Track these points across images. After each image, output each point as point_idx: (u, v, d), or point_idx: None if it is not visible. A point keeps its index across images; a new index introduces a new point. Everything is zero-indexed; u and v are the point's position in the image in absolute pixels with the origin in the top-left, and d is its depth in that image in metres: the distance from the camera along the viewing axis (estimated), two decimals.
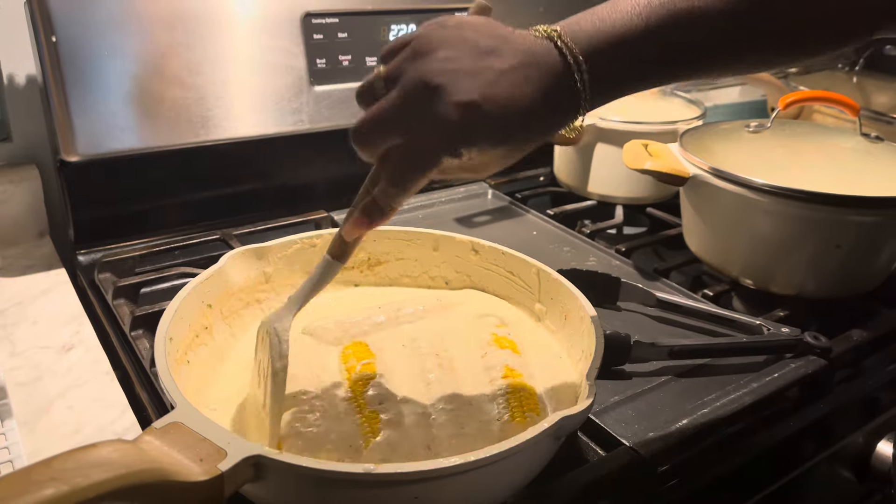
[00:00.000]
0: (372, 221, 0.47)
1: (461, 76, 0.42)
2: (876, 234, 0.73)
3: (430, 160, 0.43)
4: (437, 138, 0.42)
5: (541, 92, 0.43)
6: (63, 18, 0.73)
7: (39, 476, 0.33)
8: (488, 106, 0.42)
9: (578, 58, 0.43)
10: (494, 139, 0.43)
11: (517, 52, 0.43)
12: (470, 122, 0.42)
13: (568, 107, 0.44)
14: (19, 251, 0.85)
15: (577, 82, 0.43)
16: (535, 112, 0.43)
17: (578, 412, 0.44)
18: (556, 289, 0.61)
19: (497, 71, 0.42)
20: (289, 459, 0.40)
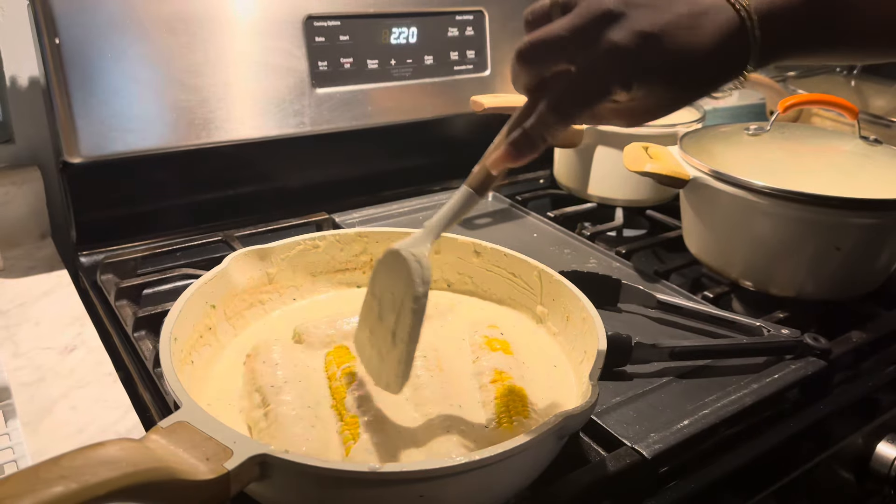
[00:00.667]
0: (520, 154, 0.46)
1: (643, 9, 0.43)
2: (875, 236, 0.73)
3: (600, 90, 0.43)
4: (612, 67, 0.42)
5: (716, 41, 0.43)
6: (66, 20, 0.74)
7: (48, 474, 0.34)
8: (667, 41, 0.42)
9: (753, 16, 0.44)
10: (665, 77, 0.43)
11: (693, 2, 0.44)
12: (646, 55, 0.42)
13: (737, 60, 0.45)
14: (22, 252, 0.85)
15: (749, 38, 0.44)
16: (707, 57, 0.44)
17: (582, 411, 0.45)
18: (558, 290, 0.62)
19: (675, 12, 0.43)
20: (295, 458, 0.40)
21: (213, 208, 0.90)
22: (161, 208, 0.88)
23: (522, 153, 0.46)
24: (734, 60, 0.45)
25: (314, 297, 0.67)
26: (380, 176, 1.02)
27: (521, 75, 0.45)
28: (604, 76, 0.43)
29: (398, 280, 0.49)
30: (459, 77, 0.99)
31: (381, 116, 0.94)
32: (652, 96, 0.45)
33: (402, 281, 0.48)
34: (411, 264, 0.48)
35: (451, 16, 0.97)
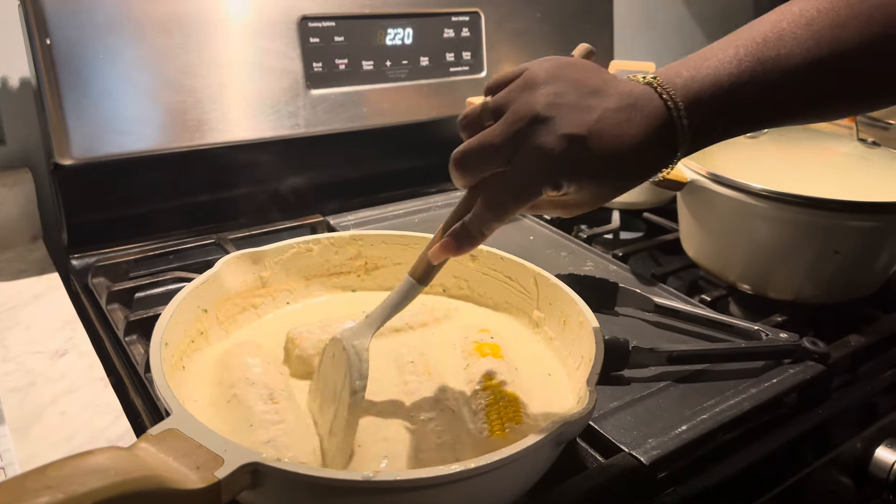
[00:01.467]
0: (460, 247, 0.48)
1: (569, 110, 0.44)
2: (873, 238, 0.73)
3: (532, 190, 0.45)
4: (541, 169, 0.44)
5: (643, 134, 0.44)
6: (57, 21, 0.73)
7: (34, 484, 0.33)
8: (594, 141, 0.43)
9: (678, 103, 0.45)
10: (596, 175, 0.45)
11: (621, 94, 0.45)
12: (575, 156, 0.44)
13: (667, 150, 0.46)
14: (12, 255, 0.84)
15: (678, 126, 0.45)
16: (636, 152, 0.45)
17: (579, 418, 0.44)
18: (555, 294, 0.61)
19: (603, 109, 0.44)
20: (286, 467, 0.40)
21: (207, 211, 0.90)
22: (154, 210, 0.87)
23: (461, 246, 0.48)
24: (663, 150, 0.46)
25: (308, 301, 0.67)
26: (375, 178, 1.01)
27: (458, 179, 0.48)
28: (534, 178, 0.44)
29: (339, 371, 0.50)
30: (455, 78, 0.98)
31: (376, 118, 0.94)
32: (583, 191, 0.46)
33: (342, 373, 0.49)
34: (350, 357, 0.49)
35: (446, 17, 0.96)
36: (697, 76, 0.46)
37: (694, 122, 0.45)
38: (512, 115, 0.45)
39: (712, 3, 1.52)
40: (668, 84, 0.45)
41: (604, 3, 1.13)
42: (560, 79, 0.45)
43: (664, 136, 0.45)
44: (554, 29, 1.07)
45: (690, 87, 0.45)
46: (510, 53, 1.03)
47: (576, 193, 0.46)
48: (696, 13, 1.51)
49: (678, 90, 0.45)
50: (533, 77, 0.46)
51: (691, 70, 0.46)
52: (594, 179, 0.45)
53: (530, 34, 1.04)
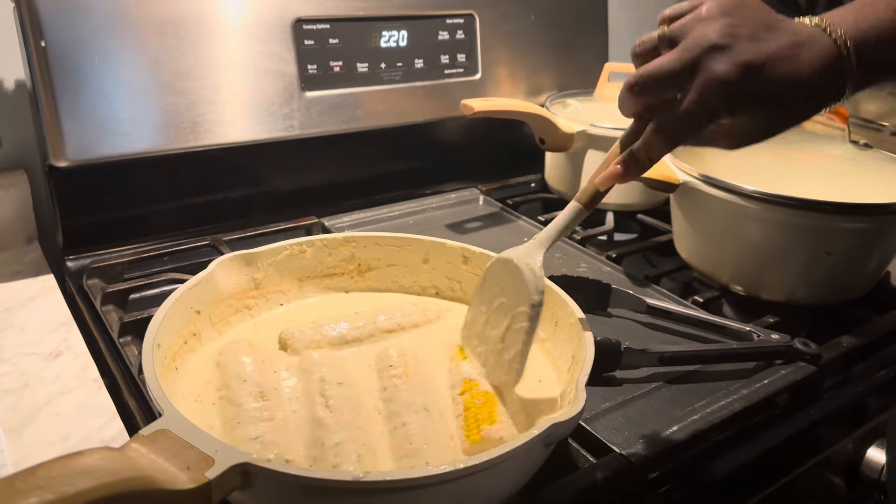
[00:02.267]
0: (627, 174, 0.51)
1: (746, 41, 0.46)
2: (865, 240, 0.73)
3: (707, 116, 0.47)
4: (717, 95, 0.46)
5: (815, 68, 0.47)
6: (52, 23, 0.73)
7: (24, 484, 0.33)
8: (768, 70, 0.46)
9: (847, 42, 0.47)
10: (767, 104, 0.47)
11: (794, 31, 0.48)
12: (752, 83, 0.46)
13: (836, 86, 0.48)
14: (7, 257, 0.84)
15: (847, 63, 0.48)
16: (809, 84, 0.47)
17: (569, 418, 0.44)
18: (546, 295, 0.61)
19: (777, 43, 0.47)
20: (277, 467, 0.40)
21: (202, 212, 0.90)
22: (149, 212, 0.87)
23: (630, 173, 0.51)
24: (832, 87, 0.48)
25: (301, 303, 0.67)
26: (370, 180, 1.01)
27: (629, 104, 0.50)
28: (710, 104, 0.46)
29: (511, 288, 0.54)
30: (450, 81, 0.99)
31: (370, 120, 0.94)
32: (755, 121, 0.49)
33: (516, 289, 0.53)
34: (526, 275, 0.53)
35: (441, 19, 0.96)
36: (860, 19, 0.48)
37: (861, 59, 0.48)
38: (690, 43, 0.47)
39: None
40: (836, 26, 0.48)
41: (598, 5, 1.14)
42: (735, 14, 0.47)
43: (834, 71, 0.48)
44: (548, 31, 1.07)
45: (857, 28, 0.48)
46: (505, 55, 1.03)
47: (747, 123, 0.49)
48: None
49: (847, 31, 0.48)
50: (709, 9, 0.48)
51: (854, 14, 0.49)
52: (767, 108, 0.47)
53: (525, 36, 1.05)
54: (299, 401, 0.53)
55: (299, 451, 0.48)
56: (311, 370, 0.55)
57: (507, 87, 1.05)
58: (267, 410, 0.50)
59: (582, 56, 1.12)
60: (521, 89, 1.06)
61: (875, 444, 0.70)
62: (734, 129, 0.50)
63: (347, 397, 0.52)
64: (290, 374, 0.56)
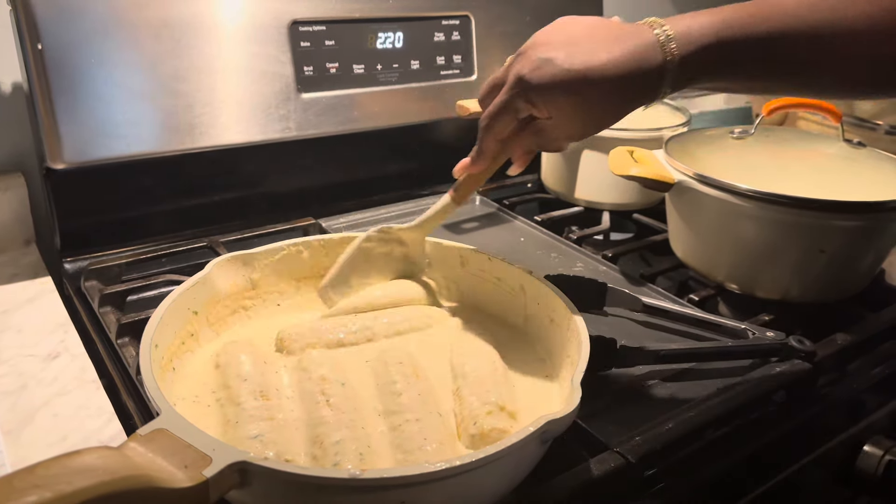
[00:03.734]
0: (473, 163, 0.60)
1: (551, 44, 0.51)
2: (859, 238, 0.73)
3: (507, 104, 0.53)
4: (516, 85, 0.51)
5: (622, 53, 0.49)
6: (49, 26, 0.73)
7: (22, 483, 0.33)
8: (566, 61, 0.49)
9: (667, 30, 0.49)
10: (566, 93, 0.50)
11: (614, 34, 0.50)
12: (545, 73, 0.49)
13: (649, 81, 0.50)
14: (5, 259, 0.84)
15: (664, 57, 0.49)
16: (613, 77, 0.49)
17: (564, 416, 0.45)
18: (543, 294, 0.62)
19: (584, 40, 0.50)
20: (274, 465, 0.40)
21: (199, 214, 0.90)
22: (146, 214, 0.87)
23: (474, 162, 0.60)
24: (644, 82, 0.50)
25: (298, 303, 0.67)
26: (366, 180, 1.02)
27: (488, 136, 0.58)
28: (508, 94, 0.52)
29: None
30: (446, 82, 0.99)
31: (367, 121, 0.94)
32: (562, 114, 0.52)
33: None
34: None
35: (437, 21, 0.97)
36: (696, 17, 0.51)
37: (682, 51, 0.49)
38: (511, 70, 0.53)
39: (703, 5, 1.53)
40: (670, 23, 0.50)
41: (592, 5, 1.14)
42: (550, 32, 0.53)
43: (648, 58, 0.49)
44: None
45: (684, 22, 0.50)
46: (500, 56, 1.03)
47: (556, 118, 0.52)
48: None
49: (672, 24, 0.50)
50: (527, 44, 0.53)
51: (691, 14, 0.51)
52: (566, 97, 0.50)
53: (520, 37, 1.03)
54: (299, 400, 0.53)
55: (299, 449, 0.48)
56: (310, 369, 0.55)
57: None
58: (267, 410, 0.51)
59: None
60: None
61: (870, 440, 0.70)
62: (550, 125, 0.53)
63: (348, 396, 0.53)
64: (289, 373, 0.56)
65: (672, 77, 0.50)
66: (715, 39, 0.50)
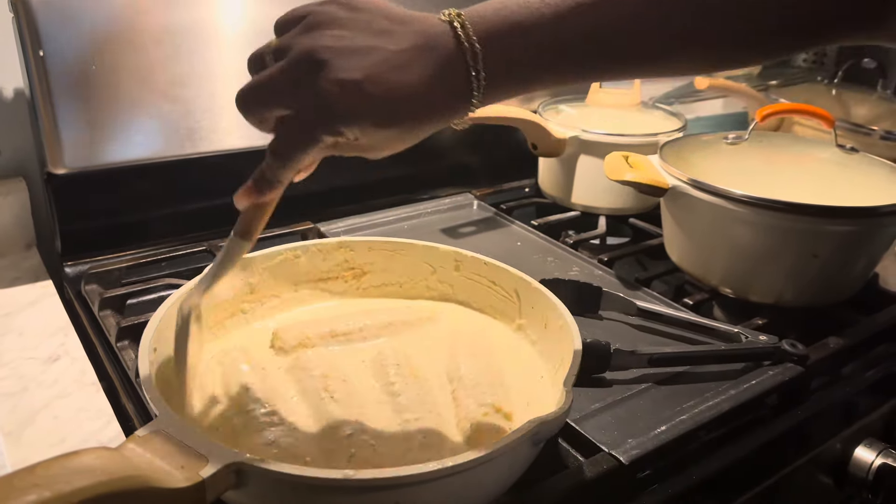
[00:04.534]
0: (261, 192, 0.47)
1: (348, 54, 0.41)
2: (852, 243, 0.74)
3: (311, 137, 0.42)
4: (318, 115, 0.41)
5: (430, 76, 0.41)
6: (50, 32, 0.74)
7: (22, 482, 0.34)
8: (370, 86, 0.41)
9: (474, 43, 0.41)
10: (376, 120, 0.42)
11: (413, 34, 0.42)
12: (351, 102, 0.41)
13: (460, 95, 0.42)
14: (6, 263, 0.85)
15: (471, 69, 0.41)
16: (422, 97, 0.42)
17: (555, 417, 0.45)
18: (537, 298, 0.62)
19: (387, 52, 0.41)
20: (269, 466, 0.41)
21: (198, 218, 0.90)
22: (146, 218, 0.88)
23: (262, 192, 0.48)
24: (457, 92, 0.42)
25: (296, 307, 0.68)
26: (365, 185, 1.02)
27: (247, 119, 0.45)
28: (312, 125, 0.42)
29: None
30: None
31: None
32: (374, 135, 0.43)
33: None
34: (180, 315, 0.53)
35: None
36: (504, 13, 0.42)
37: (491, 63, 0.41)
38: (290, 59, 0.42)
39: None
40: (470, 20, 0.42)
41: None
42: (345, 21, 0.42)
43: (457, 77, 0.42)
44: None
45: (493, 23, 0.42)
46: None
47: (366, 137, 0.43)
48: None
49: (478, 27, 0.41)
50: (317, 18, 0.42)
51: (500, 7, 0.42)
52: (376, 124, 0.42)
53: None
54: (303, 399, 0.54)
55: (314, 447, 0.49)
56: (309, 368, 0.56)
57: None
58: (276, 414, 0.51)
59: None
60: None
61: (863, 443, 0.70)
62: (357, 144, 0.44)
63: (351, 391, 0.54)
64: (290, 375, 0.57)
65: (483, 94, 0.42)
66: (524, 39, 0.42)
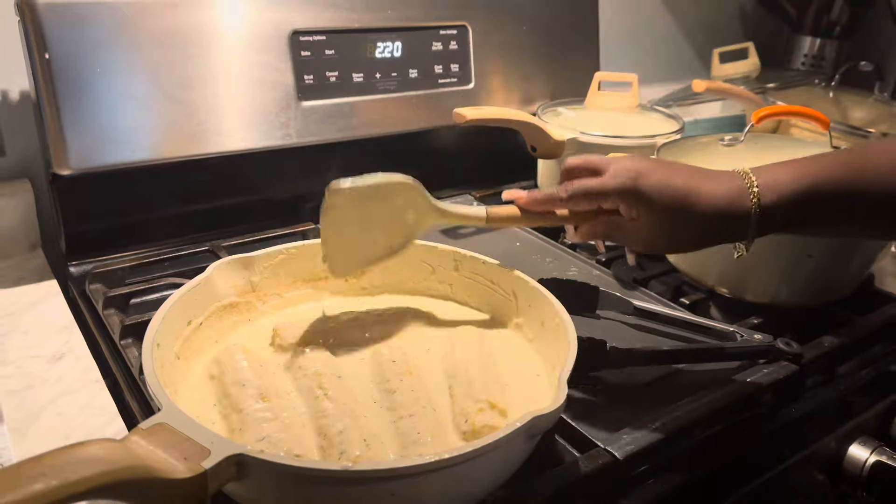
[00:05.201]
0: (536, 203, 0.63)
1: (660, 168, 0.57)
2: (845, 244, 0.75)
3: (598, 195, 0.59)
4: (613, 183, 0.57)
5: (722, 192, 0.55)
6: (56, 36, 0.75)
7: (30, 471, 0.35)
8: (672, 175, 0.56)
9: (755, 185, 0.55)
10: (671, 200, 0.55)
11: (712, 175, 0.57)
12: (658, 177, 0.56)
13: (738, 222, 0.55)
14: (12, 263, 0.86)
15: (750, 204, 0.54)
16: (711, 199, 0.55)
17: (550, 412, 0.46)
18: (534, 296, 0.63)
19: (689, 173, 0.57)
20: (269, 458, 0.42)
21: (201, 219, 0.92)
22: (149, 219, 0.89)
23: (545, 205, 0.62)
24: (736, 220, 0.55)
25: (297, 305, 0.69)
26: None
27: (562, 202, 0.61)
28: (615, 182, 0.56)
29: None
30: (444, 90, 1.01)
31: (366, 129, 0.96)
32: (651, 220, 0.56)
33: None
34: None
35: (435, 30, 0.99)
36: (784, 168, 0.56)
37: (765, 201, 0.54)
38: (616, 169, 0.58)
39: (698, 14, 1.55)
40: (753, 172, 0.56)
41: (589, 15, 1.16)
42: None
43: (740, 200, 0.54)
44: (540, 41, 1.09)
45: (771, 174, 0.55)
46: (497, 65, 1.05)
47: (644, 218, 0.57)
48: (683, 25, 1.54)
49: (759, 175, 0.55)
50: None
51: (779, 165, 0.57)
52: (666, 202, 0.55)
53: (517, 46, 1.07)
54: (298, 396, 0.55)
55: (306, 444, 0.50)
56: (306, 366, 0.57)
57: (500, 96, 1.07)
58: (270, 411, 0.52)
59: (573, 65, 1.14)
60: (513, 98, 1.08)
61: (857, 441, 0.71)
62: (633, 230, 0.58)
63: (346, 389, 0.55)
64: (286, 372, 0.58)
65: (756, 224, 0.55)
66: (800, 194, 0.54)
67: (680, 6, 1.51)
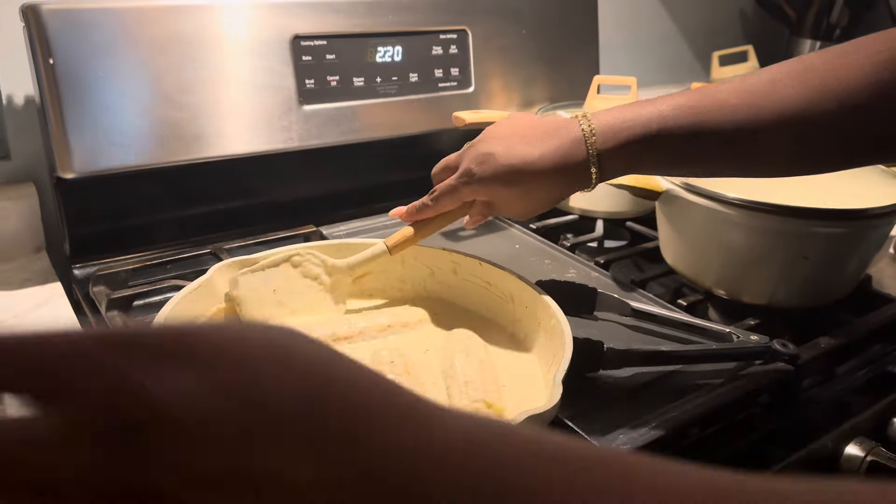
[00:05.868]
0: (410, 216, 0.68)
1: (494, 145, 0.59)
2: (842, 244, 0.75)
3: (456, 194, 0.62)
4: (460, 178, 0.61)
5: (552, 153, 0.57)
6: (60, 41, 0.76)
7: None
8: (500, 156, 0.58)
9: (593, 127, 0.56)
10: (504, 182, 0.58)
11: (549, 130, 0.58)
12: (486, 168, 0.59)
13: (578, 172, 0.57)
14: (17, 265, 0.87)
15: (586, 151, 0.56)
16: (542, 163, 0.57)
17: (545, 411, 0.47)
18: (530, 298, 0.64)
19: (523, 140, 0.58)
20: None
21: (203, 222, 0.93)
22: (152, 222, 0.90)
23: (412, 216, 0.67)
24: (575, 167, 0.57)
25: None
26: (366, 189, 1.04)
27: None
28: (458, 183, 0.62)
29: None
30: (444, 94, 1.02)
31: (367, 132, 0.97)
32: (503, 200, 0.60)
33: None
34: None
35: (435, 35, 1.00)
36: (624, 110, 0.56)
37: (603, 146, 0.56)
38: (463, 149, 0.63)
39: (698, 17, 1.56)
40: (593, 117, 0.57)
41: (589, 19, 1.17)
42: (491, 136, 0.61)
43: (573, 153, 0.56)
44: (540, 45, 1.10)
45: (611, 116, 0.57)
46: (497, 69, 1.06)
47: (496, 200, 0.61)
48: (682, 27, 1.54)
49: (599, 120, 0.56)
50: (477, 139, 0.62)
51: (622, 107, 0.57)
52: (504, 185, 0.58)
53: (517, 50, 1.08)
54: None
55: None
56: None
57: (500, 99, 1.08)
58: None
59: (572, 69, 1.15)
60: (513, 101, 1.09)
61: (853, 441, 0.71)
62: (499, 208, 0.62)
63: None
64: None
65: (599, 168, 0.56)
66: (640, 134, 0.55)
67: (679, 9, 1.52)
